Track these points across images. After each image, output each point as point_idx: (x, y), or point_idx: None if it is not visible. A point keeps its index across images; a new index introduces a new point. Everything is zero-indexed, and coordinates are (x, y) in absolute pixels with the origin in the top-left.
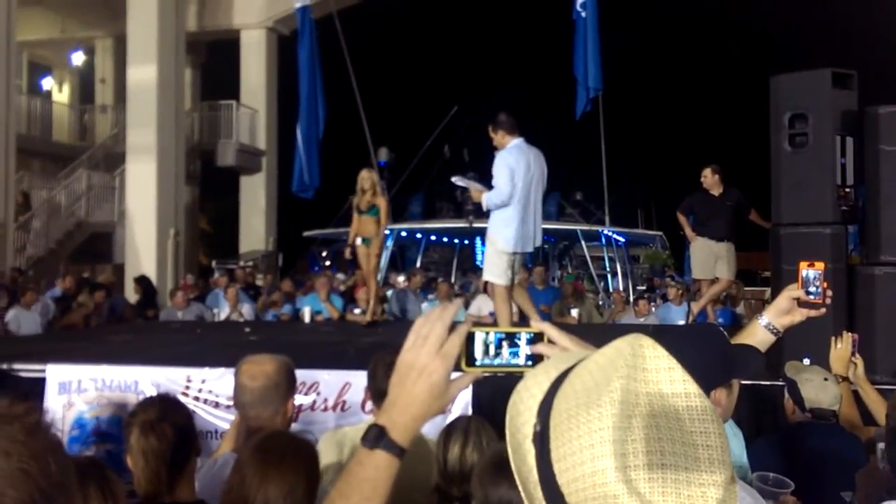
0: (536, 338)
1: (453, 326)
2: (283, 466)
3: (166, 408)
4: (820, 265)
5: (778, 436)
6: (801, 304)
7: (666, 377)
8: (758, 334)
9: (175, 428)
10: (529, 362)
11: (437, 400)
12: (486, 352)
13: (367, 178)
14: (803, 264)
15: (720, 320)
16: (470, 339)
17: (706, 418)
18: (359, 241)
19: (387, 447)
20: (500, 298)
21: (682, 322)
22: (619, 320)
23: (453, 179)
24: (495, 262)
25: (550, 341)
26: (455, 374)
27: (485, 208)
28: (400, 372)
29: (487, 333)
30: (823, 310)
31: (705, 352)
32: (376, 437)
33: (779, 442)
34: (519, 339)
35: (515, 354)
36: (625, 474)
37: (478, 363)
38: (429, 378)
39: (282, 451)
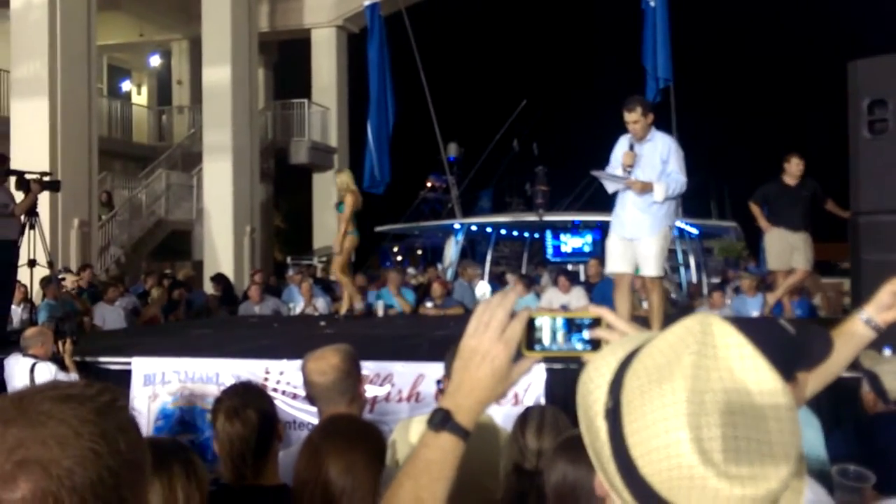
0: (595, 323)
1: (514, 313)
2: (346, 444)
3: (249, 395)
4: None
5: (857, 426)
6: None
7: (736, 353)
8: (857, 330)
9: (258, 413)
10: (589, 347)
11: (499, 383)
12: (547, 337)
13: (338, 177)
14: None
15: (797, 312)
16: (530, 324)
17: (776, 393)
18: None
19: (452, 430)
20: (662, 292)
21: (756, 314)
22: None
23: (593, 173)
24: (664, 255)
25: (609, 326)
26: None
27: (662, 199)
28: (463, 357)
29: (551, 319)
30: None
31: (763, 349)
32: (442, 419)
33: (858, 433)
34: (578, 324)
35: (575, 339)
36: (699, 445)
37: (538, 348)
38: (491, 363)
39: (346, 431)
